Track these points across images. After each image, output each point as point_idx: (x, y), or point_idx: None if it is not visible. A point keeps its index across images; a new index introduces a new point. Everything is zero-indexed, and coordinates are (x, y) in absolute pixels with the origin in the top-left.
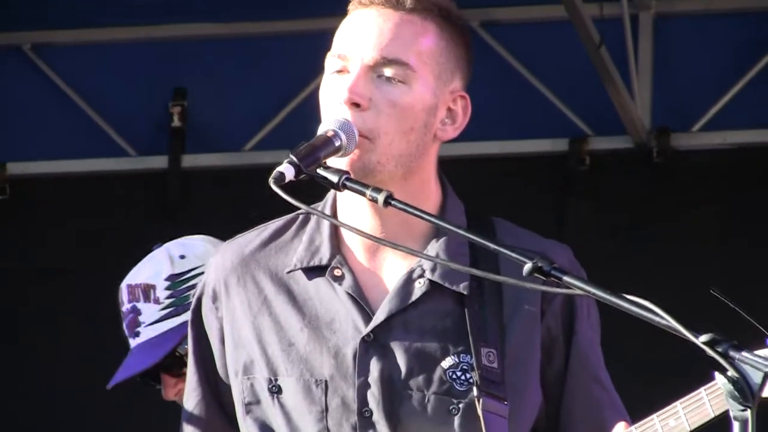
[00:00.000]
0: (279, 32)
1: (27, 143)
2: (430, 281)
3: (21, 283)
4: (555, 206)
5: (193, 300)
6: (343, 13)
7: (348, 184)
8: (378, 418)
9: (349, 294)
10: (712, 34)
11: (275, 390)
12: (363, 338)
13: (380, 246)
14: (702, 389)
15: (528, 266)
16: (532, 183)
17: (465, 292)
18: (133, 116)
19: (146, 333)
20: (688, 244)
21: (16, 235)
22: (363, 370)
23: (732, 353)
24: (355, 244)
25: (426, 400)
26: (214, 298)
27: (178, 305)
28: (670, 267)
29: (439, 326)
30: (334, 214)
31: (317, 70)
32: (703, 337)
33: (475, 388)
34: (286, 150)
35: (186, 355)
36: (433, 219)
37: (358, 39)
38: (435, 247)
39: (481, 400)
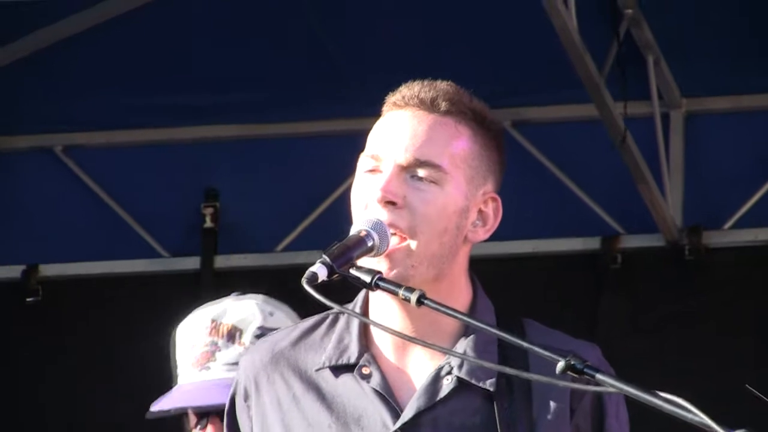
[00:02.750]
0: (310, 133)
1: (59, 245)
2: (458, 378)
3: (55, 385)
4: (587, 304)
5: (228, 400)
6: (373, 113)
7: (381, 284)
8: None
9: (376, 391)
10: (741, 131)
11: None
12: None
13: (409, 345)
14: None
15: (561, 364)
16: (564, 281)
17: (491, 389)
18: (165, 217)
19: (218, 371)
20: (721, 342)
21: (48, 337)
22: None
23: None
24: (384, 344)
25: None
26: (246, 397)
27: None
28: (704, 365)
29: (468, 423)
30: (365, 313)
31: (348, 170)
32: None
33: None
34: (318, 250)
35: None
36: (464, 318)
37: (392, 140)
38: (463, 345)
39: None
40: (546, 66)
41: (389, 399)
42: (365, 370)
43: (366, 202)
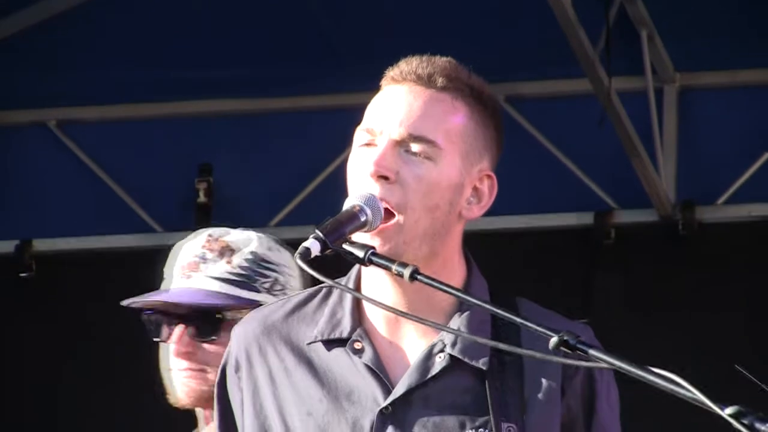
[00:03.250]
0: (304, 108)
1: (53, 220)
2: (451, 356)
3: (49, 360)
4: (581, 279)
5: (218, 372)
6: (368, 89)
7: (374, 259)
8: None
9: (368, 367)
10: (736, 106)
11: None
12: (381, 410)
13: (402, 321)
14: None
15: (554, 339)
16: (557, 257)
17: (484, 368)
18: (159, 192)
19: (200, 281)
20: (714, 317)
21: (42, 311)
22: None
23: (758, 426)
24: (377, 319)
25: None
26: (237, 368)
27: (245, 280)
28: (696, 340)
29: (459, 401)
30: (358, 288)
31: (342, 145)
32: (729, 410)
33: None
34: (312, 226)
35: (222, 322)
36: (458, 293)
37: (388, 114)
38: (457, 323)
39: None
40: (540, 41)
41: (381, 375)
42: (357, 345)
43: (361, 176)
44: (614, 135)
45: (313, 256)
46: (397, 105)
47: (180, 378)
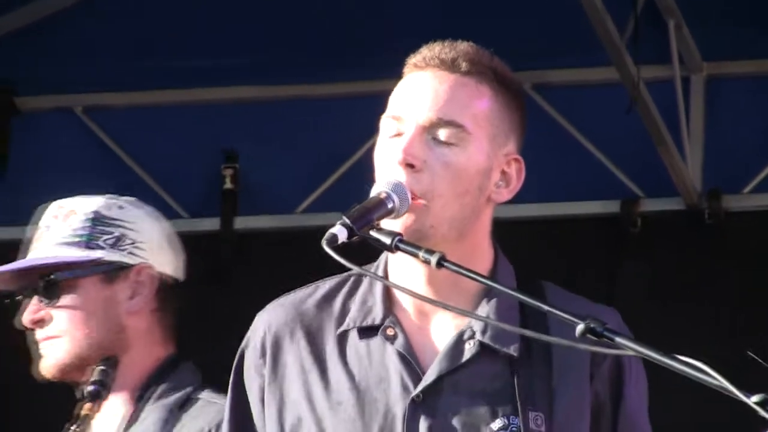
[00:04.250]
0: (331, 94)
1: None
2: (481, 343)
3: None
4: (607, 268)
5: (236, 357)
6: (394, 75)
7: (401, 245)
8: None
9: (400, 353)
10: (763, 95)
11: None
12: (412, 399)
13: (432, 307)
14: None
15: (581, 327)
16: (583, 245)
17: (515, 354)
18: (185, 178)
19: (39, 251)
20: (740, 306)
21: None
22: (411, 431)
23: None
24: (407, 305)
25: None
26: (262, 353)
27: (83, 240)
28: (721, 329)
29: (489, 388)
30: (386, 276)
31: (369, 132)
32: (755, 397)
33: None
34: (339, 212)
35: (58, 284)
36: (485, 280)
37: (413, 100)
38: (485, 309)
39: None
40: (567, 29)
41: (412, 361)
42: (390, 332)
43: (388, 164)
44: (641, 123)
45: (339, 242)
46: (423, 91)
47: (38, 350)
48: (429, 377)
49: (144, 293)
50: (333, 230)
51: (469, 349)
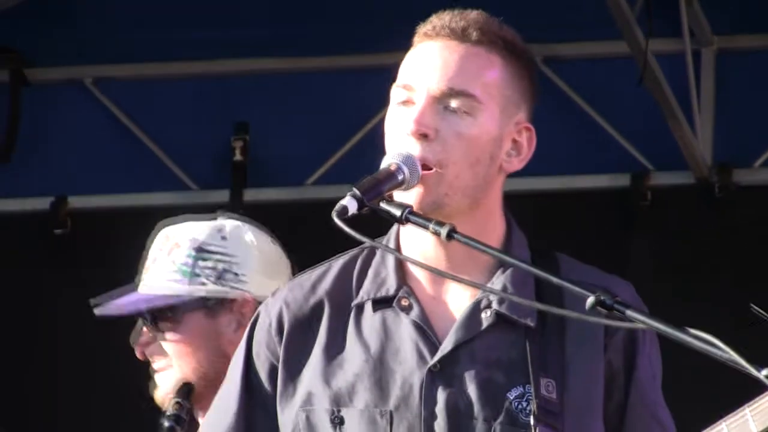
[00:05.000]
0: (341, 67)
1: (88, 177)
2: (497, 313)
3: (82, 316)
4: (617, 241)
5: (246, 333)
6: (406, 47)
7: (411, 217)
8: None
9: (416, 323)
10: None
11: (337, 421)
12: (430, 368)
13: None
14: (746, 407)
15: (591, 300)
16: (593, 218)
17: (533, 324)
18: (195, 150)
19: (146, 284)
20: (749, 279)
21: (76, 268)
22: (429, 401)
23: None
24: (420, 275)
25: (492, 430)
26: (279, 331)
27: (186, 276)
28: (731, 302)
29: (505, 357)
30: (397, 247)
31: (380, 104)
32: (766, 371)
33: (532, 417)
34: (349, 184)
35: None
36: (496, 253)
37: (424, 70)
38: (501, 279)
39: (537, 429)
40: (578, 2)
41: (428, 331)
42: (404, 302)
43: (399, 134)
44: (651, 97)
45: (350, 214)
46: (434, 61)
47: (155, 378)
48: (446, 347)
49: (246, 324)
50: (343, 202)
51: (486, 318)
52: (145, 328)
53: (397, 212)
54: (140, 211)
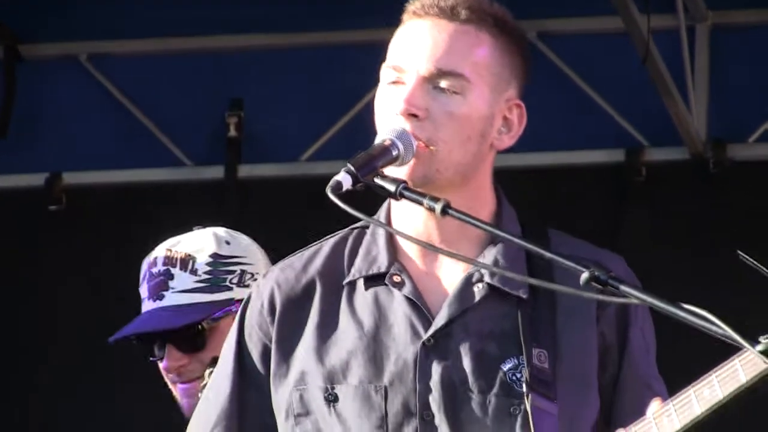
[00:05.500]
0: (335, 43)
1: (83, 153)
2: (489, 285)
3: (77, 293)
4: (611, 217)
5: (239, 310)
6: (398, 24)
7: (405, 193)
8: (439, 421)
9: (408, 299)
10: (767, 44)
11: (331, 398)
12: (423, 343)
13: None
14: (735, 358)
15: (585, 275)
16: (588, 194)
17: (524, 296)
18: (190, 126)
19: (172, 299)
20: (744, 253)
21: (71, 244)
22: (424, 375)
23: None
24: (411, 251)
25: (487, 402)
26: (270, 311)
27: (213, 284)
28: (726, 277)
29: (497, 329)
30: (389, 224)
31: (374, 80)
32: (760, 346)
33: (524, 385)
34: (343, 160)
35: (205, 332)
36: (490, 228)
37: (414, 50)
38: (493, 252)
39: (530, 396)
40: None
41: (421, 306)
42: (396, 278)
43: (390, 114)
44: (646, 72)
45: (344, 190)
46: (423, 40)
47: (178, 393)
48: (439, 321)
49: None
50: (337, 177)
51: (478, 292)
52: (175, 350)
53: (392, 187)
54: (135, 188)
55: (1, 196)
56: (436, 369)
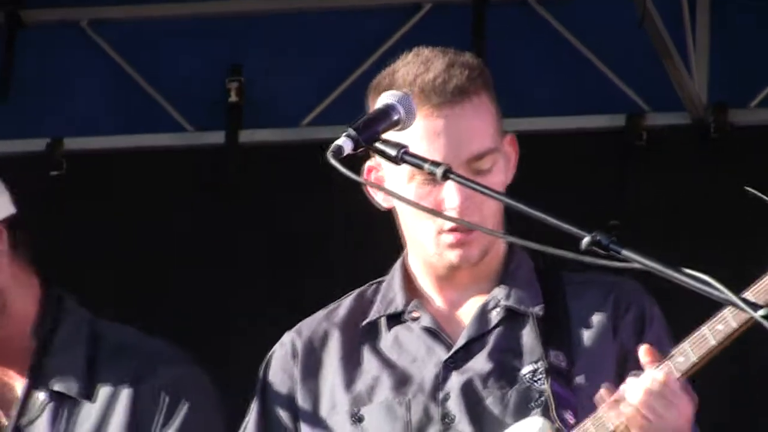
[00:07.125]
0: (337, 7)
1: (84, 119)
2: (506, 307)
3: (79, 259)
4: (612, 182)
5: (263, 365)
6: None
7: (406, 157)
8: (460, 421)
9: (427, 329)
10: None
11: (357, 419)
12: (445, 362)
13: (453, 289)
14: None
15: (587, 239)
16: (588, 159)
17: (541, 313)
18: (190, 91)
19: None
20: (745, 219)
21: (72, 210)
22: (445, 383)
23: None
24: (429, 294)
25: (508, 396)
26: (293, 355)
27: None
28: (728, 242)
29: (516, 344)
30: (405, 278)
31: (375, 45)
32: (762, 311)
33: (543, 380)
34: (344, 125)
35: None
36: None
37: (445, 149)
38: (507, 282)
39: (550, 383)
40: None
41: (440, 334)
42: (415, 314)
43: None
44: (646, 36)
45: (345, 154)
46: (451, 136)
47: None
48: (459, 342)
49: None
50: (338, 142)
51: (495, 315)
52: None
53: (393, 152)
54: (136, 153)
55: (2, 161)
56: (456, 378)
